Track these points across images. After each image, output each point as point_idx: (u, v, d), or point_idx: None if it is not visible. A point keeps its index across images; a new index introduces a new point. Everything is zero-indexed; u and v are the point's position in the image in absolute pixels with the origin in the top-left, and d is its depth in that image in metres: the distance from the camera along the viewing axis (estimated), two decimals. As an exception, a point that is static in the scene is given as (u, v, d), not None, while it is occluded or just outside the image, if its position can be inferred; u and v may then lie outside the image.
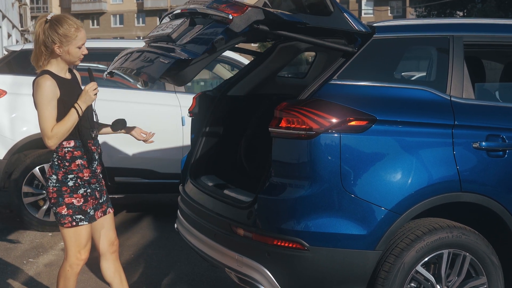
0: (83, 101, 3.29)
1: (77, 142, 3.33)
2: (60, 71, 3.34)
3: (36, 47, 3.30)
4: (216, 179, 4.15)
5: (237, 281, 3.49)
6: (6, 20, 24.26)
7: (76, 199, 3.33)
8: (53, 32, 3.23)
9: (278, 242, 3.17)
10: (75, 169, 3.32)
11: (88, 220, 3.38)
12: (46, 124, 3.23)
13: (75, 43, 3.27)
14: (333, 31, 3.32)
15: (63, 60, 3.31)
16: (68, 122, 3.24)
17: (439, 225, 3.27)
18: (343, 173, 3.12)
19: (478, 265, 3.34)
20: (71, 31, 3.25)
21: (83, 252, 3.43)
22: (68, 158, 3.32)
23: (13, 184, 6.06)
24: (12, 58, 6.44)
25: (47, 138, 3.23)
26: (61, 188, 3.31)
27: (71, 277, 3.46)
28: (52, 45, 3.25)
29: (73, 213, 3.33)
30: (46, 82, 3.22)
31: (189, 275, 4.87)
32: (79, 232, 3.38)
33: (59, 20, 3.26)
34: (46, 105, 3.22)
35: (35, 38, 3.29)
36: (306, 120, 3.13)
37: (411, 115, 3.27)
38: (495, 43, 3.66)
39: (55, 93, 3.24)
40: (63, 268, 3.47)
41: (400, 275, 3.18)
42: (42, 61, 3.31)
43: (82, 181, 3.34)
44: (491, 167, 3.33)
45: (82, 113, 3.29)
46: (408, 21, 3.75)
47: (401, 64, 3.87)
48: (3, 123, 6.05)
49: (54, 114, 3.24)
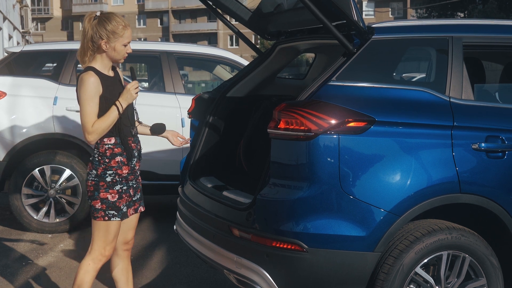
0: (124, 99, 3.38)
1: (118, 139, 3.41)
2: (103, 68, 3.41)
3: (83, 42, 3.37)
4: (215, 180, 4.15)
5: (235, 283, 3.48)
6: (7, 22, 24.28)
7: (111, 194, 3.40)
8: (102, 28, 3.31)
9: (276, 244, 3.16)
10: (114, 165, 3.40)
11: (121, 217, 3.45)
12: (87, 120, 3.30)
13: (122, 41, 3.36)
14: (334, 16, 3.30)
15: (107, 57, 3.39)
16: (109, 118, 3.33)
17: (438, 227, 3.26)
18: (342, 174, 3.12)
19: (477, 266, 3.33)
20: (119, 28, 3.34)
21: (108, 248, 3.49)
22: (108, 155, 3.39)
23: (12, 186, 6.06)
24: (12, 60, 6.44)
25: (87, 133, 3.31)
26: (99, 182, 3.39)
27: (91, 272, 3.50)
28: (99, 40, 3.33)
29: (107, 208, 3.40)
30: (90, 79, 3.30)
31: (189, 276, 4.87)
32: (109, 227, 3.44)
33: (108, 17, 3.35)
34: (88, 101, 3.29)
35: (83, 33, 3.37)
36: (304, 121, 3.12)
37: (410, 116, 3.26)
38: (494, 44, 3.65)
39: (98, 90, 3.32)
40: (85, 262, 3.52)
41: (399, 276, 3.17)
42: (87, 56, 3.39)
43: (120, 178, 3.42)
44: (491, 168, 3.32)
45: (123, 110, 3.37)
46: (407, 22, 3.74)
47: (402, 65, 3.86)
48: (2, 125, 6.04)
49: (95, 110, 3.32)
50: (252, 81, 4.46)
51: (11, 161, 6.08)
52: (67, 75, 6.26)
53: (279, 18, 4.21)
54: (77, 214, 6.13)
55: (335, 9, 3.22)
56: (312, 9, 3.20)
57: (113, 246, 3.51)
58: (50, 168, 6.09)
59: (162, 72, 6.48)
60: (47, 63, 7.94)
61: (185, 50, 6.83)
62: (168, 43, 6.99)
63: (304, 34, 4.11)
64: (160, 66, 6.54)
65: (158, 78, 7.15)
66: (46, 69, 8.44)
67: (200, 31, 67.82)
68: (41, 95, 6.13)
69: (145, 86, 16.66)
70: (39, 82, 6.25)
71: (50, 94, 6.13)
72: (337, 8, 3.21)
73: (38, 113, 6.07)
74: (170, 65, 6.46)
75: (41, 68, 7.75)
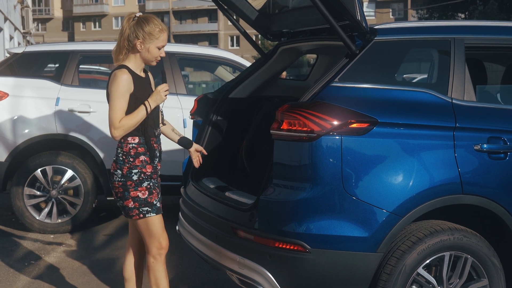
0: (154, 100, 3.45)
1: (141, 138, 3.47)
2: (136, 68, 3.49)
3: (120, 41, 3.46)
4: (217, 181, 4.16)
5: (238, 283, 3.49)
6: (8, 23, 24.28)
7: (141, 192, 3.44)
8: (139, 28, 3.40)
9: (279, 244, 3.17)
10: (138, 164, 3.45)
11: (156, 212, 3.50)
12: (115, 115, 3.36)
13: (156, 43, 3.44)
14: (338, 16, 3.31)
15: (141, 57, 3.47)
16: (136, 117, 3.39)
17: (441, 227, 3.27)
18: (345, 175, 3.12)
19: (479, 267, 3.34)
20: (156, 30, 3.42)
21: (162, 240, 3.55)
22: (132, 154, 3.44)
23: (15, 186, 6.07)
24: (14, 61, 6.44)
25: (114, 128, 3.36)
26: (126, 182, 3.43)
27: (159, 268, 3.57)
28: (134, 40, 3.41)
29: (140, 205, 3.45)
30: (123, 76, 3.38)
31: (191, 277, 4.87)
32: (150, 223, 3.50)
33: (146, 19, 3.44)
34: (119, 97, 3.36)
35: (121, 32, 3.46)
36: (307, 122, 3.13)
37: (413, 117, 3.27)
38: (497, 45, 3.66)
39: (129, 88, 3.39)
40: (148, 263, 3.58)
41: (401, 277, 3.18)
42: (122, 54, 3.47)
43: (145, 176, 3.46)
44: (493, 169, 3.32)
45: (150, 111, 3.43)
46: (410, 23, 3.75)
47: (403, 66, 3.87)
48: (4, 126, 6.05)
49: (124, 107, 3.38)
50: (254, 82, 4.47)
51: (13, 162, 6.09)
52: (69, 76, 6.27)
53: (282, 17, 4.23)
54: (79, 214, 6.13)
55: (340, 7, 3.23)
56: (319, 6, 3.21)
57: (165, 237, 3.57)
58: (52, 168, 6.09)
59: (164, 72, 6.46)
60: (49, 64, 7.94)
61: (187, 51, 6.84)
62: (170, 44, 6.98)
63: (306, 35, 4.12)
64: (162, 66, 6.54)
65: (159, 78, 7.13)
66: (48, 70, 8.44)
67: (201, 31, 67.79)
68: (43, 96, 6.14)
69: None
70: (41, 83, 6.26)
71: (52, 95, 6.14)
72: (342, 7, 3.22)
73: (40, 113, 6.08)
74: (172, 66, 6.47)
75: (43, 69, 7.75)
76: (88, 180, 6.15)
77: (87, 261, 5.31)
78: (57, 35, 67.07)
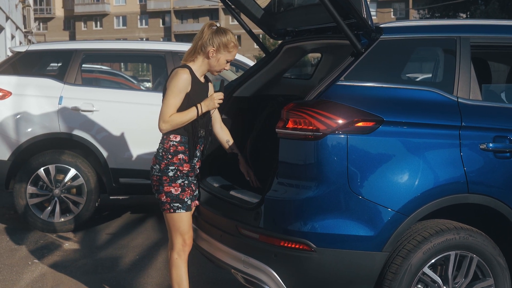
0: (206, 105, 3.59)
1: (183, 138, 3.58)
2: (198, 72, 3.64)
3: (196, 44, 3.63)
4: (222, 180, 4.15)
5: (243, 282, 3.48)
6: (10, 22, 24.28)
7: (174, 188, 3.57)
8: (217, 37, 3.59)
9: (284, 243, 3.16)
10: (176, 162, 3.57)
11: (186, 209, 3.61)
12: (167, 110, 3.50)
13: (227, 56, 3.62)
14: (344, 14, 3.30)
15: (208, 64, 3.63)
16: (187, 116, 3.52)
17: (446, 227, 3.26)
18: (350, 174, 3.12)
19: (485, 266, 3.33)
20: (231, 44, 3.62)
21: (187, 237, 3.65)
22: (171, 151, 3.56)
23: (18, 185, 6.07)
24: (17, 59, 6.44)
25: (163, 122, 3.50)
26: (162, 177, 3.57)
27: (181, 265, 3.66)
28: (209, 46, 3.58)
29: (171, 201, 3.58)
30: (184, 75, 3.53)
31: (195, 276, 4.87)
32: (178, 219, 3.60)
33: (225, 31, 3.63)
34: (175, 93, 3.50)
35: (199, 36, 3.63)
36: (313, 121, 3.12)
37: (418, 116, 3.26)
38: (502, 44, 3.65)
39: (186, 87, 3.53)
40: (172, 258, 3.67)
41: (407, 276, 3.17)
42: (192, 56, 3.64)
43: (181, 173, 3.58)
44: (498, 168, 3.32)
45: (201, 113, 3.56)
46: (415, 22, 3.74)
47: (406, 66, 3.86)
48: (7, 124, 6.05)
49: (177, 104, 3.52)
50: (259, 81, 4.46)
51: (16, 161, 6.09)
52: (72, 75, 6.27)
53: (287, 16, 4.22)
54: (82, 213, 6.13)
55: (347, 5, 3.22)
56: (326, 4, 3.20)
57: (191, 235, 3.66)
58: (55, 167, 6.09)
59: (167, 72, 6.48)
60: (52, 63, 7.95)
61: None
62: (173, 43, 6.99)
63: (311, 34, 4.12)
64: (165, 66, 6.55)
65: (163, 78, 7.15)
66: (51, 69, 8.44)
67: (202, 31, 67.80)
68: (46, 95, 6.14)
69: (146, 86, 16.72)
70: (44, 82, 6.26)
71: (55, 94, 6.14)
72: (348, 5, 3.21)
73: (43, 112, 6.08)
74: (175, 65, 6.46)
75: (46, 68, 7.75)
76: (91, 179, 6.14)
77: (90, 259, 5.31)
78: (58, 34, 67.11)
